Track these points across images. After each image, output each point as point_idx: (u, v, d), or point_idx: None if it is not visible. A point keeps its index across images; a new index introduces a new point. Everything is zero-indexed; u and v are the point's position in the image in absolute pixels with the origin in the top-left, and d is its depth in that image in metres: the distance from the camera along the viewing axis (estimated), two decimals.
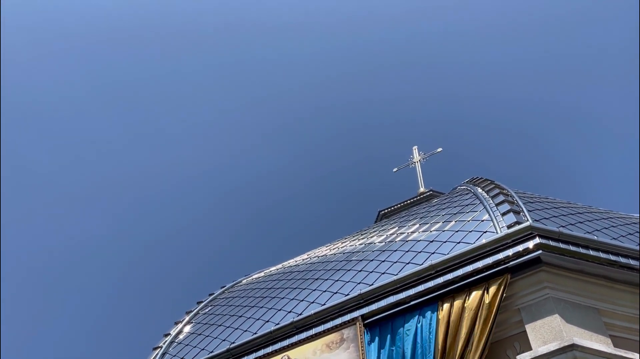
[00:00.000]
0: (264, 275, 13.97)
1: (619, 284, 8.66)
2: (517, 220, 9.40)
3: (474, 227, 9.97)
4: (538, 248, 8.70)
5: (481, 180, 12.60)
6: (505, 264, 8.75)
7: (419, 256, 9.91)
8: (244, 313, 11.67)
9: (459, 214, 10.95)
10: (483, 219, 10.11)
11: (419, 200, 18.60)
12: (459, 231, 10.08)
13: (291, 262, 13.92)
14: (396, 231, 11.84)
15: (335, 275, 10.96)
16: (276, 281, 12.54)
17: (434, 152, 20.33)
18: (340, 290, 10.26)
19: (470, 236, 9.68)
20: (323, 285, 10.83)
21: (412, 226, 11.59)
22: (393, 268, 9.98)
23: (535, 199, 11.43)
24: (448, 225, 10.63)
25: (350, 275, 10.59)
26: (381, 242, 11.56)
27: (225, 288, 14.14)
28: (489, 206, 10.44)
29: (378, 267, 10.32)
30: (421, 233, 10.89)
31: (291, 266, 13.33)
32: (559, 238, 8.88)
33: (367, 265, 10.66)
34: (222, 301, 13.19)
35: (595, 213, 11.39)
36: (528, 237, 8.91)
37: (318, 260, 12.56)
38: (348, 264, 11.17)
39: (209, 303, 13.49)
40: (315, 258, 13.00)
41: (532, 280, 8.69)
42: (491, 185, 11.74)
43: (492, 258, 8.87)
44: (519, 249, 8.82)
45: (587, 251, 8.79)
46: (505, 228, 9.35)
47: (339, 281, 10.66)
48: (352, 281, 10.34)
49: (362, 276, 10.31)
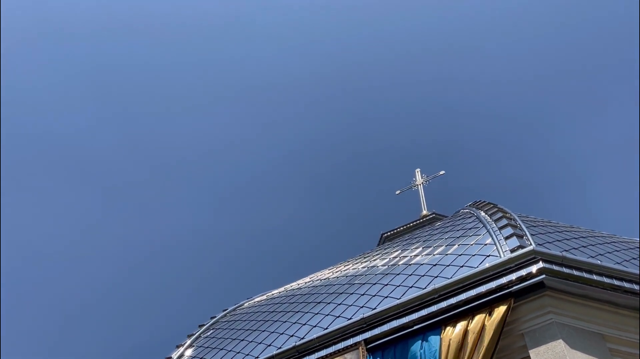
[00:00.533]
0: (266, 298, 13.92)
1: (623, 309, 8.61)
2: (521, 244, 9.39)
3: (477, 251, 9.95)
4: (541, 272, 8.67)
5: (484, 203, 12.59)
6: (509, 288, 8.71)
7: (422, 280, 9.88)
8: (245, 337, 11.60)
9: (462, 238, 10.94)
10: (486, 243, 10.09)
11: (421, 223, 18.58)
12: (462, 255, 10.06)
13: (294, 285, 13.87)
14: (399, 254, 11.81)
15: (338, 298, 10.92)
16: (278, 305, 12.49)
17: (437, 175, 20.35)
18: (343, 313, 10.22)
19: (473, 260, 9.66)
20: (325, 309, 10.79)
21: (415, 250, 11.56)
22: (396, 292, 9.94)
23: (538, 223, 11.42)
24: (451, 248, 10.61)
25: (353, 299, 10.55)
26: (384, 265, 11.53)
27: (227, 311, 14.08)
28: (492, 229, 10.43)
29: (381, 291, 10.28)
30: (424, 257, 10.86)
31: (294, 290, 13.29)
32: (562, 262, 8.85)
33: (370, 288, 10.62)
34: (224, 324, 13.12)
35: (598, 237, 11.37)
36: (531, 261, 8.87)
37: (321, 283, 12.52)
38: (351, 287, 11.13)
39: (210, 326, 13.42)
40: (317, 281, 12.96)
41: (536, 305, 8.65)
42: (494, 208, 11.73)
43: (496, 283, 8.84)
44: (522, 273, 8.79)
45: (591, 276, 8.75)
46: (508, 252, 9.33)
47: (341, 304, 10.61)
48: (355, 304, 10.30)
49: (365, 299, 10.27)
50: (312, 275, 14.02)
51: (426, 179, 20.31)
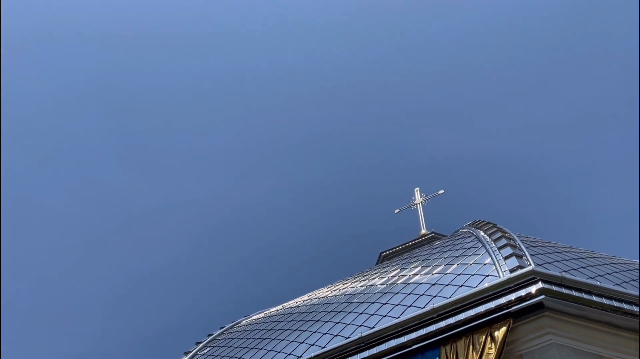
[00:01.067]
0: (263, 316, 13.85)
1: (622, 331, 8.57)
2: (520, 264, 9.36)
3: (476, 271, 9.92)
4: (541, 293, 8.65)
5: (483, 223, 12.58)
6: (508, 309, 8.68)
7: (421, 300, 9.84)
8: (242, 355, 11.53)
9: (461, 257, 10.91)
10: (485, 262, 10.07)
11: (420, 242, 18.53)
12: (461, 275, 10.02)
13: (291, 303, 13.81)
14: (398, 273, 11.78)
15: (336, 317, 10.87)
16: (276, 323, 12.42)
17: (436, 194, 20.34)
18: (341, 332, 10.16)
19: (472, 280, 9.63)
20: (323, 327, 10.73)
21: (413, 269, 11.53)
22: (394, 311, 9.89)
23: (538, 243, 11.40)
24: (450, 268, 10.58)
25: (351, 318, 10.50)
26: (383, 284, 11.49)
27: (225, 329, 14.00)
28: (492, 249, 10.41)
29: (379, 310, 10.23)
30: (423, 276, 10.83)
31: (291, 308, 13.22)
32: (561, 283, 8.82)
33: (368, 307, 10.57)
34: (221, 342, 13.05)
35: (597, 258, 11.35)
36: (531, 282, 8.85)
37: (319, 302, 12.47)
38: (349, 306, 11.08)
39: (207, 343, 13.35)
40: (316, 299, 12.91)
41: (535, 325, 8.61)
42: (493, 228, 11.72)
43: (495, 303, 8.81)
44: (521, 294, 8.76)
45: (590, 297, 8.72)
46: (507, 272, 9.30)
47: (339, 323, 10.56)
48: (353, 323, 10.25)
49: (363, 318, 10.22)
50: (310, 293, 13.96)
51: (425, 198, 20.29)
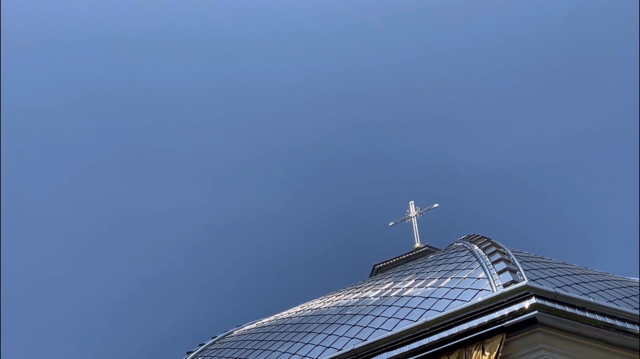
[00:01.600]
0: (256, 327, 13.79)
1: (616, 348, 8.56)
2: (514, 279, 9.36)
3: (469, 285, 9.91)
4: (534, 308, 8.64)
5: (478, 237, 12.58)
6: (501, 323, 8.66)
7: (414, 313, 9.82)
8: None
9: (455, 271, 10.90)
10: (479, 277, 10.06)
11: (414, 255, 18.51)
12: (454, 289, 10.01)
13: (284, 314, 13.76)
14: (391, 286, 11.75)
15: (329, 328, 10.83)
16: (268, 334, 12.37)
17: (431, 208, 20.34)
18: (333, 344, 10.12)
19: (466, 294, 9.62)
20: (316, 339, 10.68)
21: (407, 282, 11.51)
22: (387, 324, 9.86)
23: (532, 258, 11.40)
24: (444, 281, 10.57)
25: (343, 330, 10.46)
26: (376, 297, 11.46)
27: (216, 339, 13.94)
28: (486, 264, 10.41)
29: (372, 322, 10.20)
30: (416, 289, 10.81)
31: (284, 319, 13.17)
32: (555, 298, 8.81)
33: (361, 319, 10.54)
34: (212, 352, 12.98)
35: (591, 274, 11.35)
36: (524, 297, 8.84)
37: (312, 313, 12.42)
38: (342, 318, 11.04)
39: (199, 353, 13.28)
40: (308, 310, 12.87)
41: (528, 341, 8.59)
42: (488, 242, 11.73)
43: (488, 317, 8.79)
44: (514, 309, 8.75)
45: (584, 313, 8.71)
46: (501, 286, 9.30)
47: (332, 335, 10.52)
48: (346, 335, 10.21)
49: (356, 331, 10.18)
50: (303, 305, 13.92)
51: (420, 211, 20.28)
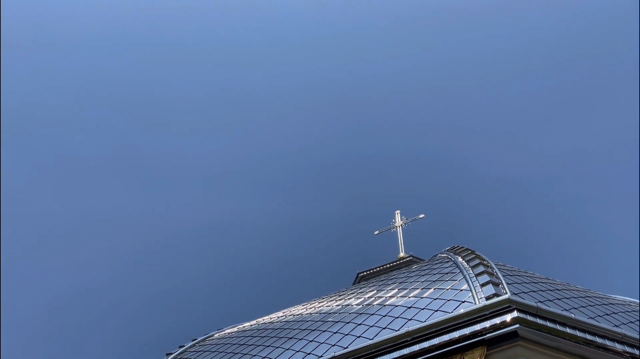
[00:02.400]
0: (237, 330, 13.71)
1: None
2: (496, 292, 9.37)
3: (452, 296, 9.92)
4: (515, 322, 8.65)
5: (462, 249, 12.60)
6: (482, 336, 8.67)
7: (396, 322, 9.80)
8: None
9: (438, 282, 10.90)
10: (462, 289, 10.07)
11: (398, 264, 18.51)
12: (437, 299, 10.01)
13: (266, 319, 13.70)
14: (374, 294, 11.73)
15: (310, 335, 10.78)
16: (249, 338, 12.30)
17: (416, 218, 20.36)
18: (314, 351, 10.08)
19: (448, 305, 9.62)
20: (297, 345, 10.64)
21: (390, 291, 11.50)
22: (369, 332, 9.84)
23: (515, 272, 11.43)
24: (427, 292, 10.56)
25: (325, 336, 10.42)
26: (358, 305, 11.44)
27: (196, 341, 13.85)
28: (469, 276, 10.42)
29: (354, 330, 10.17)
30: (399, 299, 10.80)
31: (265, 323, 13.11)
32: (536, 313, 8.84)
33: (343, 327, 10.51)
34: (192, 354, 12.89)
35: (573, 290, 11.39)
36: (506, 310, 8.85)
37: (293, 319, 12.37)
38: (324, 325, 11.01)
39: (178, 355, 13.18)
40: (290, 316, 12.81)
41: (508, 354, 8.60)
42: (472, 254, 11.74)
43: (469, 329, 8.79)
44: (496, 322, 8.76)
45: (565, 328, 8.75)
46: (483, 299, 9.30)
47: (313, 341, 10.48)
48: (327, 342, 10.17)
49: (337, 338, 10.15)
50: (285, 310, 13.86)
51: (406, 221, 20.31)
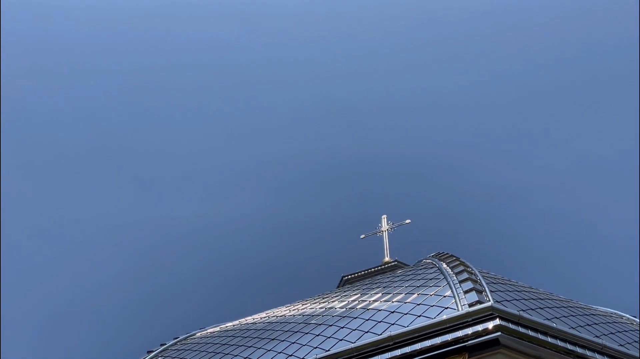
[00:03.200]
0: (219, 330, 13.67)
1: None
2: (479, 299, 9.40)
3: (435, 302, 9.94)
4: (497, 329, 8.68)
5: (447, 255, 12.63)
6: (464, 342, 8.70)
7: (379, 326, 9.82)
8: None
9: (422, 287, 10.93)
10: (445, 295, 10.09)
11: (383, 269, 18.51)
12: (420, 305, 10.03)
13: (249, 319, 13.67)
14: (358, 298, 11.74)
15: (292, 337, 10.78)
16: (231, 338, 12.27)
17: (403, 223, 20.36)
18: (295, 352, 10.07)
19: (431, 311, 9.64)
20: (279, 346, 10.63)
21: (374, 295, 11.51)
22: (351, 336, 9.85)
23: (499, 280, 11.48)
24: (410, 297, 10.59)
25: (307, 339, 10.42)
26: (342, 308, 11.45)
27: (178, 340, 13.80)
28: (453, 282, 10.44)
29: (336, 333, 10.17)
30: (383, 303, 10.82)
31: (248, 324, 13.08)
32: (519, 321, 8.88)
33: (325, 329, 10.51)
34: (173, 353, 12.84)
35: (555, 300, 11.47)
36: (488, 318, 8.89)
37: (277, 320, 12.36)
38: (306, 327, 11.00)
39: (159, 353, 13.13)
40: (274, 317, 12.80)
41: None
42: (456, 261, 11.77)
43: (451, 335, 8.82)
44: (478, 329, 8.79)
45: (546, 338, 8.80)
46: (466, 306, 9.33)
47: (295, 343, 10.47)
48: (309, 345, 10.17)
49: (319, 340, 10.15)
50: (268, 311, 13.84)
51: (392, 226, 20.32)
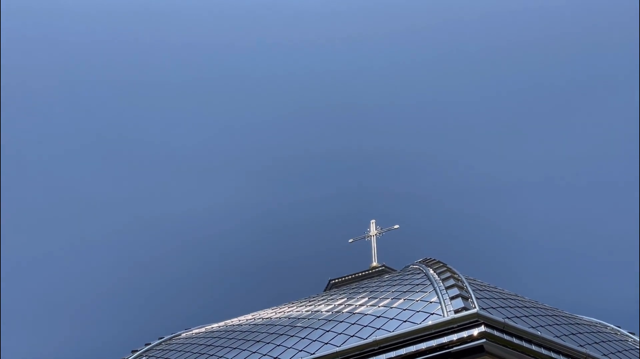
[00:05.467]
0: (204, 331, 13.65)
1: None
2: (465, 305, 9.43)
3: (421, 308, 9.97)
4: (482, 336, 8.69)
5: (434, 261, 12.66)
6: (449, 348, 8.71)
7: (364, 331, 9.82)
8: None
9: (408, 293, 10.95)
10: (431, 301, 10.11)
11: (370, 274, 18.54)
12: (406, 310, 10.05)
13: (234, 321, 13.65)
14: (344, 302, 11.75)
15: (278, 339, 10.77)
16: (216, 339, 12.25)
17: (391, 228, 20.38)
18: (280, 355, 10.06)
19: (417, 316, 9.66)
20: (264, 348, 10.61)
21: (360, 299, 11.53)
22: (337, 339, 9.84)
23: (485, 287, 11.53)
24: (396, 302, 10.60)
25: (292, 341, 10.41)
26: (328, 312, 11.45)
27: (163, 340, 13.76)
28: (439, 288, 10.47)
29: (322, 337, 10.17)
30: (369, 307, 10.83)
31: (234, 326, 13.06)
32: (503, 329, 8.90)
33: (311, 333, 10.51)
34: (157, 353, 12.80)
35: (540, 308, 11.53)
36: (474, 324, 8.89)
37: (262, 322, 12.35)
38: (292, 330, 11.00)
39: (144, 353, 13.08)
40: (259, 319, 12.78)
41: None
42: (443, 267, 11.80)
43: (436, 341, 8.82)
44: (463, 335, 8.80)
45: (530, 345, 8.82)
46: (452, 312, 9.35)
47: (280, 346, 10.46)
48: (294, 348, 10.16)
49: (304, 343, 10.15)
50: (254, 313, 13.82)
51: (380, 231, 20.35)
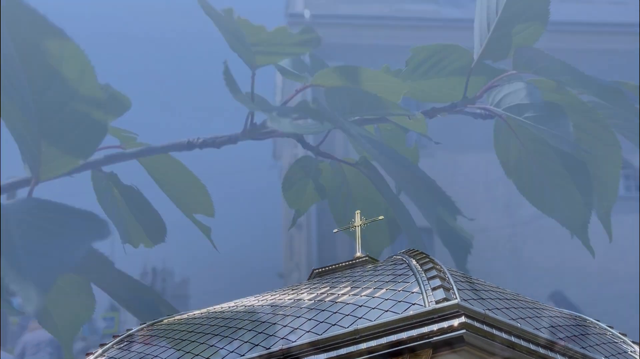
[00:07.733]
0: (186, 317, 13.64)
1: None
2: (446, 296, 9.50)
3: (403, 298, 10.04)
4: (462, 327, 8.78)
5: (417, 252, 12.68)
6: (429, 338, 8.80)
7: (346, 319, 9.88)
8: (159, 354, 11.35)
9: (390, 283, 11.01)
10: (413, 291, 10.19)
11: (354, 263, 18.59)
12: (388, 300, 10.12)
13: (217, 308, 13.65)
14: (327, 291, 11.80)
15: (260, 327, 10.81)
16: (198, 326, 12.26)
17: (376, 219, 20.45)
18: (262, 342, 10.11)
19: (398, 306, 9.72)
20: (246, 336, 10.66)
21: (343, 289, 11.58)
22: (318, 328, 9.89)
23: (467, 279, 11.61)
24: (378, 292, 10.66)
25: (274, 329, 10.46)
26: (310, 300, 11.50)
27: (145, 326, 13.74)
28: (421, 279, 10.53)
29: (303, 325, 10.22)
30: (351, 297, 10.89)
31: (216, 312, 13.07)
32: (484, 320, 9.00)
33: (293, 321, 10.55)
34: (139, 338, 12.78)
35: (521, 301, 11.64)
36: (454, 315, 8.98)
37: (245, 310, 12.37)
38: (274, 317, 11.04)
39: (124, 338, 13.05)
40: (242, 307, 12.80)
41: (453, 358, 8.73)
42: (426, 258, 11.84)
43: (417, 331, 8.92)
44: (443, 325, 8.89)
45: (510, 337, 8.94)
46: (433, 302, 9.43)
47: (262, 333, 10.51)
48: (276, 335, 10.21)
49: (286, 331, 10.19)
50: (237, 301, 13.84)
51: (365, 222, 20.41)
